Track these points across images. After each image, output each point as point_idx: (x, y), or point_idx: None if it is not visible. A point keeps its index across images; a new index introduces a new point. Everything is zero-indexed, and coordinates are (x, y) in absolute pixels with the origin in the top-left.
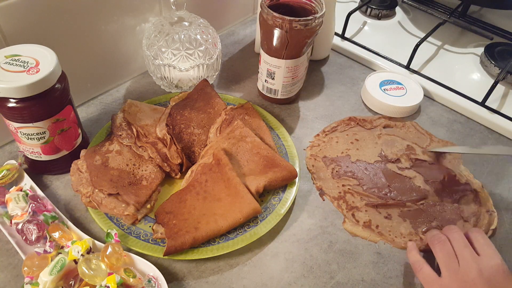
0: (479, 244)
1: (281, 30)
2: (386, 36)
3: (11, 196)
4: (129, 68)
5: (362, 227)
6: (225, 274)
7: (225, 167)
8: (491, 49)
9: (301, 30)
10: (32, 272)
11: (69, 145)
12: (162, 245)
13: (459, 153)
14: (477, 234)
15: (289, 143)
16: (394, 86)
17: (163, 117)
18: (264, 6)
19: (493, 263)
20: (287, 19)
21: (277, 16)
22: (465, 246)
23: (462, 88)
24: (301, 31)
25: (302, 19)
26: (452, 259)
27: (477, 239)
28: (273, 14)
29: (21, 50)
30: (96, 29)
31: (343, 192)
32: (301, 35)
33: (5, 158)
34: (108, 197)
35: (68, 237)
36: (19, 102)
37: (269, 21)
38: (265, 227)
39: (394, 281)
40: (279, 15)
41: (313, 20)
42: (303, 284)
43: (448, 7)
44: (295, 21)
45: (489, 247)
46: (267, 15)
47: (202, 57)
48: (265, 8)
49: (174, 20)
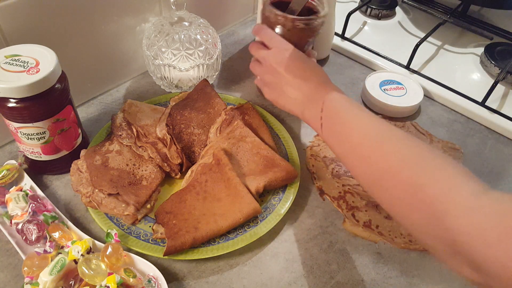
0: (267, 41)
1: (283, 28)
2: (386, 36)
3: (11, 196)
4: (129, 68)
5: (362, 227)
6: (225, 274)
7: (225, 167)
8: (491, 49)
9: (304, 29)
10: (32, 272)
11: (69, 145)
12: (162, 245)
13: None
14: (261, 33)
15: (289, 143)
16: (394, 86)
17: (163, 117)
18: (267, 4)
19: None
20: (289, 17)
21: (280, 14)
22: (257, 49)
23: (462, 88)
24: (303, 29)
25: (304, 18)
26: (257, 63)
27: (263, 38)
28: (275, 12)
29: (21, 50)
30: (96, 29)
31: (343, 192)
32: (303, 34)
33: (5, 158)
34: (108, 197)
35: (68, 237)
36: (19, 102)
37: (271, 19)
38: (265, 227)
39: (394, 281)
40: (281, 13)
41: (315, 19)
42: (303, 284)
43: (448, 7)
44: (297, 20)
45: (274, 39)
46: (270, 13)
47: (202, 57)
48: (267, 5)
49: (174, 20)
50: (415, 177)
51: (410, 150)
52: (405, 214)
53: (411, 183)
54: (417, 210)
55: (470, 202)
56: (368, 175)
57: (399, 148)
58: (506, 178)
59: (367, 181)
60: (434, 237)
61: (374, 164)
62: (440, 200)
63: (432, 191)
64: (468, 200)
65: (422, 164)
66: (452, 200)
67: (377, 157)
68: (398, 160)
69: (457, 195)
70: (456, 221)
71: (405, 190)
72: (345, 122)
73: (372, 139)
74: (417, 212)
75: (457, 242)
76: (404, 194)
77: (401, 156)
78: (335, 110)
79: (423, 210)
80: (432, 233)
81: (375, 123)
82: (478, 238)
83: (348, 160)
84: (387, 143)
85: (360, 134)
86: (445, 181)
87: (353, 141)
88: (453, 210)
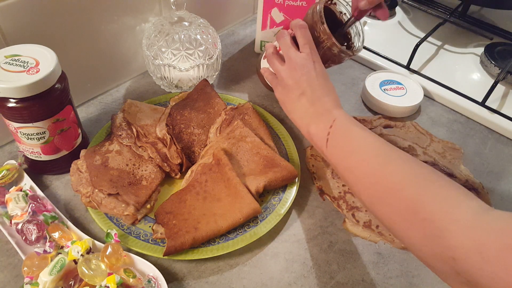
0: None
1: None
2: (386, 36)
3: (11, 196)
4: (129, 68)
5: (362, 227)
6: (225, 274)
7: (225, 167)
8: (491, 49)
9: (335, 55)
10: (32, 272)
11: (69, 145)
12: (162, 245)
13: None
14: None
15: (289, 143)
16: (394, 86)
17: (163, 117)
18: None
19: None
20: (333, 40)
21: (328, 33)
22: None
23: (462, 88)
24: (335, 55)
25: (345, 51)
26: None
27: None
28: (326, 30)
29: (21, 50)
30: (96, 29)
31: (343, 192)
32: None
33: (5, 158)
34: (108, 197)
35: (68, 237)
36: (19, 102)
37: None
38: (265, 227)
39: (394, 281)
40: (330, 33)
41: (350, 54)
42: (303, 284)
43: (448, 7)
44: (336, 46)
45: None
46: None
47: (202, 57)
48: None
49: (174, 20)
50: (417, 195)
51: (414, 170)
52: (406, 232)
53: (413, 200)
54: (418, 227)
55: (470, 220)
56: (370, 191)
57: (404, 167)
58: (506, 178)
59: (369, 197)
60: (434, 256)
61: (378, 181)
62: (440, 217)
63: (433, 209)
64: (468, 218)
65: (424, 183)
66: (452, 218)
67: (382, 174)
68: (402, 178)
69: (457, 213)
70: (456, 239)
71: (406, 207)
72: (354, 139)
73: (379, 157)
74: (417, 230)
75: (456, 260)
76: (405, 212)
77: (405, 175)
78: (346, 128)
79: (424, 227)
80: (432, 252)
81: (382, 144)
82: (477, 254)
83: (351, 176)
84: (393, 162)
85: (367, 151)
86: (447, 200)
87: (359, 158)
88: (453, 228)
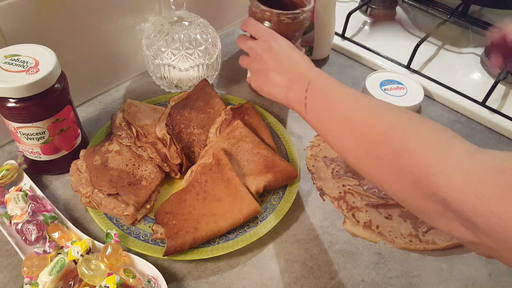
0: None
1: (270, 23)
2: (386, 36)
3: (11, 196)
4: (129, 68)
5: (362, 227)
6: (225, 274)
7: (225, 167)
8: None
9: (289, 24)
10: (31, 272)
11: (69, 145)
12: (161, 245)
13: None
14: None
15: (289, 143)
16: (395, 86)
17: (163, 117)
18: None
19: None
20: (275, 12)
21: (266, 10)
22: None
23: (462, 88)
24: (289, 24)
25: (290, 13)
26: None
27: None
28: (261, 7)
29: (21, 50)
30: (96, 29)
31: (344, 192)
32: (289, 28)
33: (4, 158)
34: (108, 197)
35: (67, 237)
36: (19, 102)
37: (257, 14)
38: (265, 227)
39: (395, 281)
40: (267, 8)
41: (300, 13)
42: (303, 284)
43: (449, 7)
44: (282, 15)
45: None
46: (256, 8)
47: (202, 57)
48: (254, 1)
49: (174, 19)
50: (405, 142)
51: (399, 117)
52: (396, 181)
53: (400, 147)
54: (408, 174)
55: (463, 161)
56: (356, 147)
57: (388, 116)
58: None
59: (355, 154)
60: (426, 199)
61: (363, 135)
62: (431, 160)
63: (423, 153)
64: (461, 159)
65: (411, 129)
66: (444, 160)
67: (366, 128)
68: (387, 127)
69: (449, 155)
70: (449, 180)
71: (395, 156)
72: (332, 99)
73: (361, 111)
74: (407, 177)
75: (450, 200)
76: (394, 160)
77: (390, 123)
78: (322, 88)
79: (414, 173)
80: (423, 196)
81: (362, 97)
82: (474, 195)
83: (334, 136)
84: (375, 113)
85: (348, 108)
86: (436, 143)
87: (341, 116)
88: (446, 169)
